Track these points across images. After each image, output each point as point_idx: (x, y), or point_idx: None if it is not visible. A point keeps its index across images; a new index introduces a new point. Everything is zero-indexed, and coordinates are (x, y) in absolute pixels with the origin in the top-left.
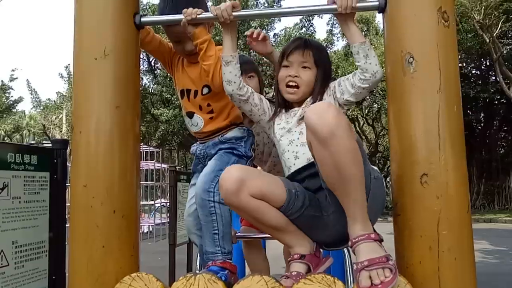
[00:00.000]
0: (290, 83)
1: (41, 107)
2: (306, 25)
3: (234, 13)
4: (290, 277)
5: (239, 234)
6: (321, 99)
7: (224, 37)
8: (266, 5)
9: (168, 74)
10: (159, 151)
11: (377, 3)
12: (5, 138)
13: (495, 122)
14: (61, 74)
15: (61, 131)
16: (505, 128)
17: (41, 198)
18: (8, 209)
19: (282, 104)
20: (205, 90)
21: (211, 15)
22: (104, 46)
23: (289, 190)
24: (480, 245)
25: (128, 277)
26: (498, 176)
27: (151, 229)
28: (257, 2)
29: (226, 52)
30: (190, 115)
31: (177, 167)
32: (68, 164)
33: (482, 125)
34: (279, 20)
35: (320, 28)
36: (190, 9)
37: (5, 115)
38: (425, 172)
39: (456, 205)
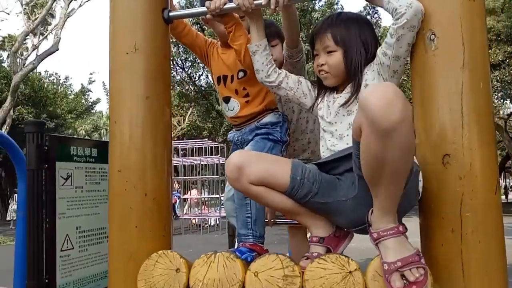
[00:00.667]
0: (321, 73)
1: None
2: (370, 12)
3: (255, 1)
4: (310, 257)
5: (275, 220)
6: (360, 82)
7: (250, 27)
8: None
9: None
10: (223, 146)
11: None
12: (86, 137)
13: None
14: None
15: None
16: None
17: (101, 188)
18: (72, 197)
19: (323, 86)
20: (241, 74)
21: (234, 5)
22: (134, 41)
23: (293, 177)
24: None
25: (155, 254)
26: None
27: (217, 222)
28: None
29: (252, 41)
30: (227, 100)
31: None
32: None
33: None
34: (341, 9)
35: (386, 15)
36: (214, 1)
37: (85, 116)
38: (447, 153)
39: (482, 186)
